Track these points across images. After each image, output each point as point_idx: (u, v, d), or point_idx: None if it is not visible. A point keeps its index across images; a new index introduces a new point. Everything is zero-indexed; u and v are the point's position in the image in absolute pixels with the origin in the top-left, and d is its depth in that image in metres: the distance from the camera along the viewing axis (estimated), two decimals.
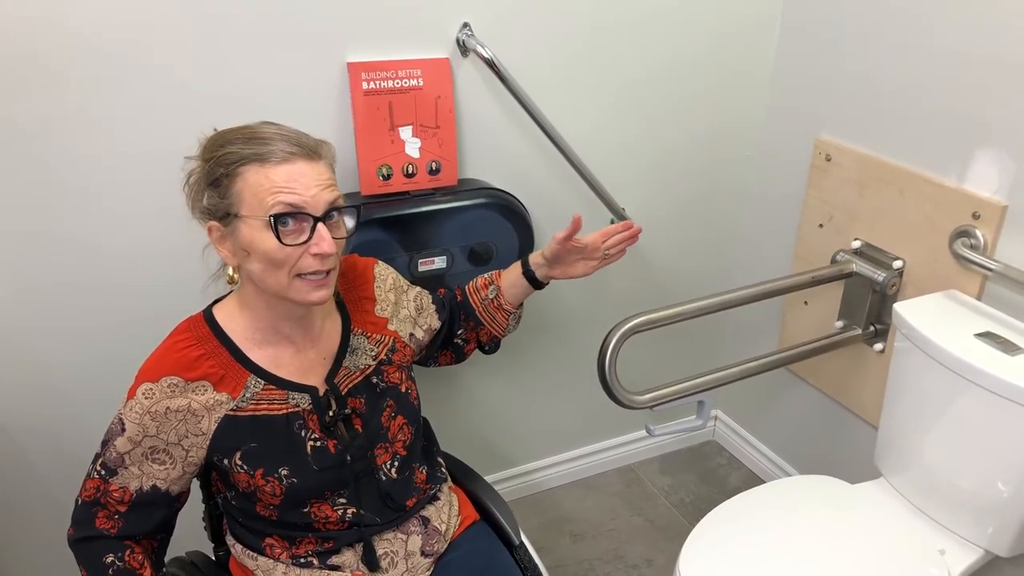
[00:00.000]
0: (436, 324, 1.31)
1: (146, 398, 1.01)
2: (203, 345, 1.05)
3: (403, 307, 1.24)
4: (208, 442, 1.04)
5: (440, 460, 1.29)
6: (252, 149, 0.96)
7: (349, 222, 1.03)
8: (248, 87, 1.36)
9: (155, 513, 1.07)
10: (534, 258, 1.34)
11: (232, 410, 1.04)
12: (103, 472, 1.04)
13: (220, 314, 1.08)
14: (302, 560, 1.11)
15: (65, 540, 1.07)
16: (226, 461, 1.05)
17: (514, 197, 1.59)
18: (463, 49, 1.49)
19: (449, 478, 1.30)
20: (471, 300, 1.35)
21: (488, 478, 1.43)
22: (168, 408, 1.01)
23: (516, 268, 1.34)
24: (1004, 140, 1.35)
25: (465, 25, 1.48)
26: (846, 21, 1.62)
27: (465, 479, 1.38)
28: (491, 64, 1.47)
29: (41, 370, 1.43)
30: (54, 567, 1.58)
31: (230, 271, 1.04)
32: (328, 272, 1.01)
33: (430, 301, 1.32)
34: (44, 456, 1.49)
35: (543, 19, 1.54)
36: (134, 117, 1.31)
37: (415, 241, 1.49)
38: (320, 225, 0.97)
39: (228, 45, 1.33)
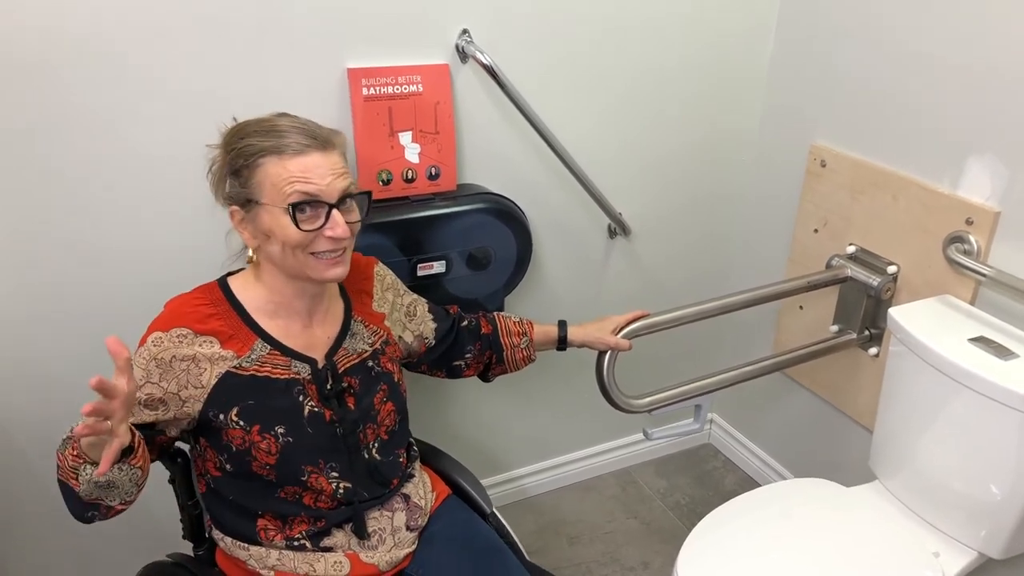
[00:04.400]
0: (430, 336, 1.37)
1: (155, 345, 1.06)
2: (216, 307, 1.11)
3: (396, 309, 1.31)
4: (206, 396, 1.07)
5: (411, 440, 1.34)
6: (271, 142, 1.03)
7: (360, 207, 1.11)
8: (249, 92, 1.37)
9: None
10: (572, 332, 1.44)
11: (235, 367, 1.09)
12: None
13: (235, 284, 1.14)
14: (295, 543, 1.15)
15: (63, 538, 1.06)
16: (222, 416, 1.08)
17: (512, 202, 1.60)
18: (462, 55, 1.50)
19: (419, 456, 1.36)
20: (502, 341, 1.43)
21: (484, 482, 1.44)
22: (174, 356, 1.06)
23: (551, 333, 1.45)
24: (997, 147, 1.37)
25: (464, 31, 1.49)
26: (840, 28, 1.64)
27: (433, 458, 1.43)
28: (490, 70, 1.48)
29: (40, 367, 1.43)
30: (52, 565, 1.59)
31: (250, 252, 1.11)
32: (343, 251, 1.09)
33: (426, 311, 1.37)
34: (42, 454, 1.49)
35: (541, 26, 1.55)
36: (135, 122, 1.32)
37: (414, 246, 1.50)
38: (335, 211, 1.05)
39: (229, 50, 1.33)
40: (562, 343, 1.45)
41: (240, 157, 1.04)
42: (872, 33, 1.56)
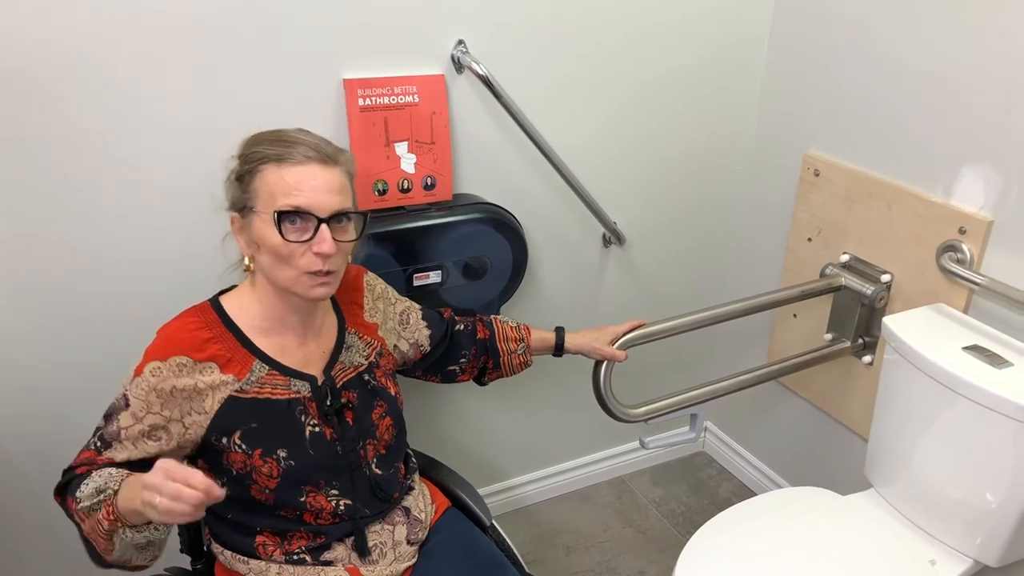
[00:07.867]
0: (425, 343, 1.36)
1: (153, 376, 1.04)
2: (211, 329, 1.09)
3: (390, 318, 1.30)
4: (209, 421, 1.07)
5: (409, 451, 1.34)
6: (275, 150, 1.04)
7: (355, 228, 1.09)
8: (245, 103, 1.37)
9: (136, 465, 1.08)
10: (569, 340, 1.44)
11: (236, 391, 1.08)
12: (99, 444, 1.06)
13: (228, 303, 1.12)
14: (295, 557, 1.14)
15: (55, 546, 1.05)
16: (224, 440, 1.07)
17: (508, 211, 1.61)
18: (458, 66, 1.50)
19: (418, 469, 1.35)
20: (499, 347, 1.42)
21: (481, 491, 1.44)
22: (174, 387, 1.04)
23: (548, 340, 1.45)
24: (990, 156, 1.38)
25: (460, 42, 1.49)
26: (834, 38, 1.65)
27: (432, 470, 1.43)
28: (485, 80, 1.49)
29: (33, 376, 1.42)
30: (48, 570, 1.58)
31: (246, 261, 1.10)
32: (329, 272, 1.06)
33: (419, 317, 1.36)
34: (37, 466, 1.48)
35: (537, 36, 1.56)
36: (134, 133, 1.32)
37: (410, 256, 1.50)
38: (323, 226, 1.03)
39: (225, 61, 1.33)
40: (558, 350, 1.45)
41: (245, 163, 1.05)
42: (865, 44, 1.57)
